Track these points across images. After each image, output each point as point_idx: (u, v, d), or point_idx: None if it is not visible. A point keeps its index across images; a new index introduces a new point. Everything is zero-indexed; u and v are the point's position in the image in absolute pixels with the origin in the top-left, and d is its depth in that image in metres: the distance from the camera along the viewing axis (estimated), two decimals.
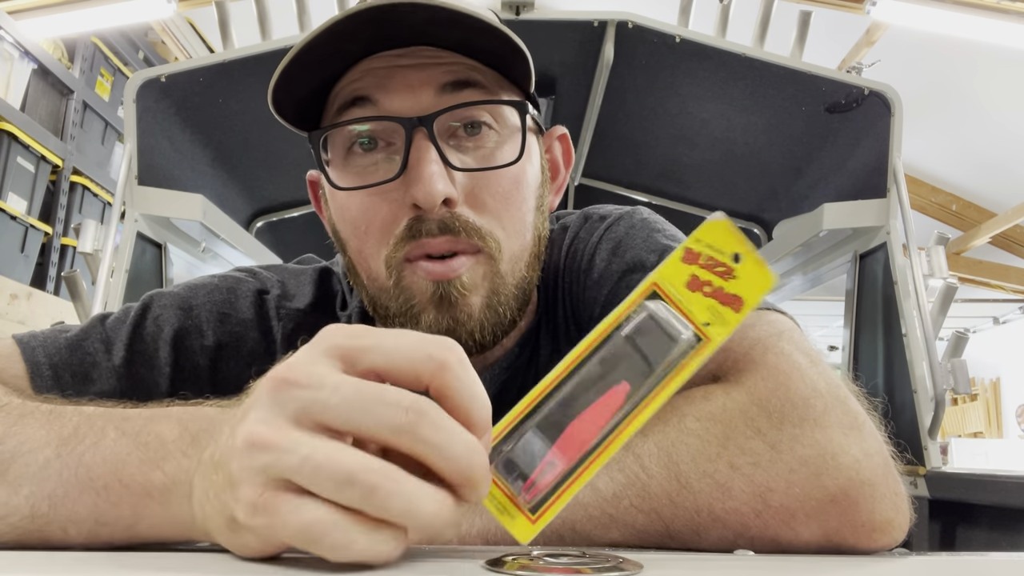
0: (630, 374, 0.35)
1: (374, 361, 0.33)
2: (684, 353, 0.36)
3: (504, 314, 0.59)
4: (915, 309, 1.49)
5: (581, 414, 0.35)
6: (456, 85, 0.57)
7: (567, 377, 0.35)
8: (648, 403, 0.35)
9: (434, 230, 0.56)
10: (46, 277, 2.73)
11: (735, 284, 0.37)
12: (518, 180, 0.60)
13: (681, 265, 0.37)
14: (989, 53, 3.31)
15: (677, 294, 0.37)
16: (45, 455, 0.41)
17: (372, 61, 0.58)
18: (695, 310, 0.37)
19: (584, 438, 0.35)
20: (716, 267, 0.37)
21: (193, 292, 0.66)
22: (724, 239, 0.37)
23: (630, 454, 0.47)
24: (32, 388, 0.58)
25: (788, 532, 0.42)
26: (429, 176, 0.54)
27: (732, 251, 0.37)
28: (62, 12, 2.34)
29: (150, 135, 1.61)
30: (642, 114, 1.87)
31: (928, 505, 1.42)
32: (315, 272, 0.72)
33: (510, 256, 0.59)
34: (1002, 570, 0.41)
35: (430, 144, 0.55)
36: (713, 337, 0.36)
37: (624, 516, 0.45)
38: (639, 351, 0.35)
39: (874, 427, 0.45)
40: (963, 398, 6.83)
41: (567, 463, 0.34)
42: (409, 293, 0.58)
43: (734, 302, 0.37)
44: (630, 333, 0.36)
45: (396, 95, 0.57)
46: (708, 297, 0.37)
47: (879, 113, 1.60)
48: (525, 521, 0.34)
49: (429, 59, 0.57)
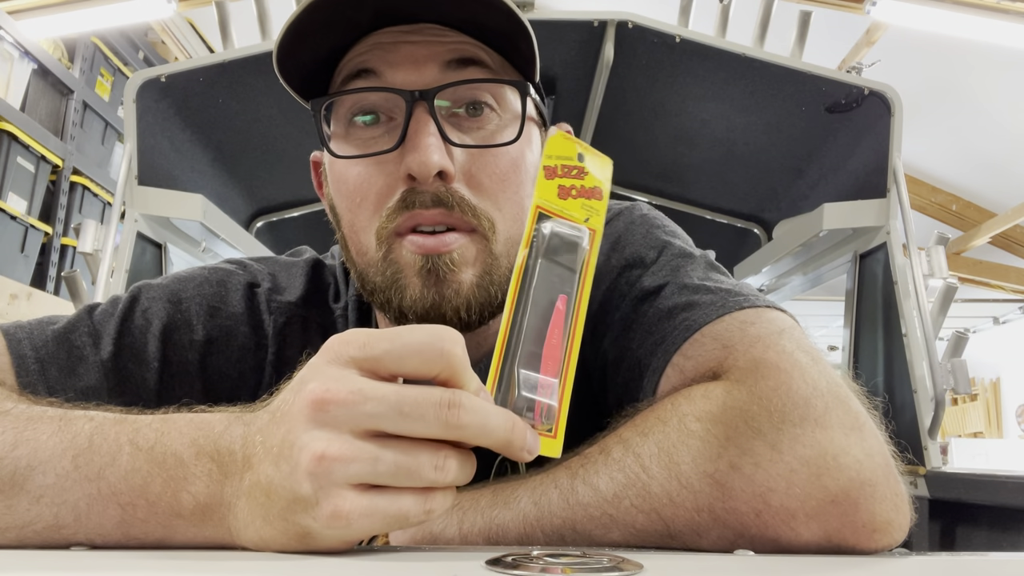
0: (562, 285, 0.42)
1: (390, 367, 0.37)
2: (586, 248, 0.43)
3: (495, 295, 0.58)
4: (915, 309, 1.49)
5: (546, 339, 0.40)
6: (461, 62, 0.57)
7: (517, 314, 0.41)
8: (581, 294, 0.42)
9: (427, 202, 0.55)
10: (46, 277, 2.72)
11: (590, 178, 0.46)
12: (516, 163, 0.59)
13: (547, 182, 0.44)
14: (989, 53, 3.31)
15: (556, 206, 0.44)
16: (63, 466, 0.41)
17: (379, 36, 0.58)
18: (574, 212, 0.44)
19: (555, 353, 0.40)
20: (571, 172, 0.45)
21: (182, 285, 0.65)
22: (565, 147, 0.45)
23: (630, 454, 0.47)
24: (17, 381, 0.56)
25: (788, 532, 0.42)
26: (425, 147, 0.54)
27: (575, 153, 0.46)
28: (62, 12, 2.33)
29: (150, 135, 1.61)
30: (642, 114, 1.87)
31: (928, 505, 1.42)
32: (306, 264, 0.71)
33: (506, 239, 0.58)
34: (1002, 570, 0.41)
35: (429, 118, 0.55)
36: (596, 227, 0.45)
37: (624, 516, 0.45)
38: (559, 264, 0.42)
39: (875, 427, 0.45)
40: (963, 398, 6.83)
41: (555, 376, 0.40)
42: (396, 266, 0.57)
43: (595, 192, 0.46)
44: (546, 254, 0.42)
45: (400, 69, 0.57)
46: (578, 197, 0.45)
47: (879, 113, 1.60)
48: (548, 440, 0.39)
49: (435, 36, 0.58)
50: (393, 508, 0.35)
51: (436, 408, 0.35)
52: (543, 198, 0.44)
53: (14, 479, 0.41)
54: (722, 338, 0.51)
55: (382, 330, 0.37)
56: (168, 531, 0.40)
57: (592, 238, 0.44)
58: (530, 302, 0.41)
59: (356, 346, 0.37)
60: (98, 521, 0.40)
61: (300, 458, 0.35)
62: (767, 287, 2.11)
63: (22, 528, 0.40)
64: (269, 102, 1.72)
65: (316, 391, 0.36)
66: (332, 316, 0.68)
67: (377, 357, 0.36)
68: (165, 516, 0.39)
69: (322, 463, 0.35)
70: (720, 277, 0.59)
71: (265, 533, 0.37)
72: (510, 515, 0.46)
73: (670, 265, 0.60)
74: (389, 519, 0.35)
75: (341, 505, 0.35)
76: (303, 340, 0.66)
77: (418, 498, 0.36)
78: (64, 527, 0.40)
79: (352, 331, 0.38)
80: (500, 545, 0.45)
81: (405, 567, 0.35)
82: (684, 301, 0.55)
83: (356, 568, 0.34)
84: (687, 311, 0.54)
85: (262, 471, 0.37)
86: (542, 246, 0.42)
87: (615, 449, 0.48)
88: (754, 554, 0.42)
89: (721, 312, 0.53)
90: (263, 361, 0.65)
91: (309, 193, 2.10)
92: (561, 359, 0.40)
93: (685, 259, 0.61)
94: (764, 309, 0.53)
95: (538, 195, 0.44)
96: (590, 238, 0.44)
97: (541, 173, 0.44)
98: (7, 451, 0.42)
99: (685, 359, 0.52)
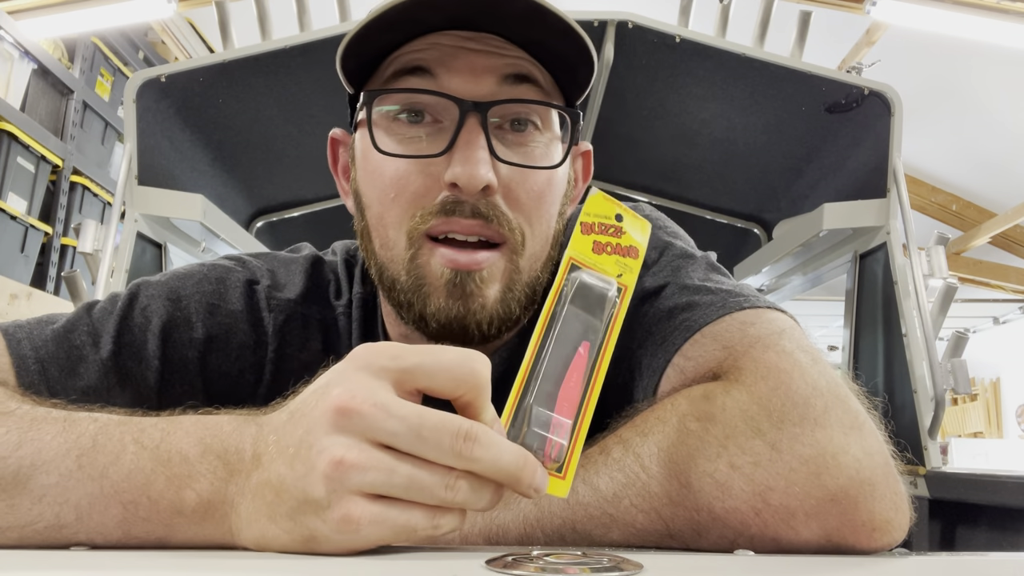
0: (586, 333, 0.43)
1: (418, 381, 0.38)
2: (615, 302, 0.44)
3: (514, 309, 0.59)
4: (915, 309, 1.49)
5: (564, 381, 0.41)
6: (517, 78, 0.58)
7: (539, 355, 0.42)
8: (606, 347, 0.43)
9: (467, 212, 0.56)
10: (46, 277, 2.72)
11: (626, 238, 0.47)
12: (551, 183, 0.60)
13: (582, 237, 0.46)
14: (989, 53, 3.31)
15: (589, 260, 0.45)
16: (66, 465, 0.41)
17: (439, 36, 0.58)
18: (607, 267, 0.46)
19: (572, 396, 0.41)
20: (608, 230, 0.47)
21: (182, 282, 0.65)
22: (605, 207, 0.47)
23: (630, 454, 0.47)
24: (17, 382, 0.56)
25: (788, 531, 0.42)
26: (477, 160, 0.55)
27: (614, 213, 0.47)
28: (62, 12, 2.33)
29: (150, 135, 1.61)
30: (642, 114, 1.87)
31: (928, 505, 1.42)
32: (306, 261, 0.70)
33: (531, 254, 0.59)
34: (1002, 570, 0.41)
35: (481, 130, 0.56)
36: (628, 283, 0.46)
37: (624, 516, 0.45)
38: (586, 313, 0.43)
39: (874, 426, 0.45)
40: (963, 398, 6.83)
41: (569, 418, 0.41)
42: (422, 272, 0.57)
43: (631, 251, 0.47)
44: (574, 302, 0.43)
45: (458, 75, 0.57)
46: (612, 254, 0.46)
47: (879, 113, 1.60)
48: (556, 479, 0.40)
49: (495, 48, 0.58)
50: (402, 519, 0.36)
51: (453, 438, 0.36)
52: (577, 251, 0.45)
53: (17, 478, 0.41)
54: (722, 339, 0.51)
55: (414, 346, 0.39)
56: (168, 530, 0.40)
57: (623, 294, 0.45)
58: (553, 345, 0.42)
59: (387, 357, 0.38)
60: (99, 520, 0.40)
61: (317, 461, 0.36)
62: (767, 287, 2.11)
63: (23, 528, 0.40)
64: (269, 102, 1.72)
65: (342, 397, 0.36)
66: (333, 313, 0.68)
67: (407, 369, 0.37)
68: (167, 514, 0.39)
69: (339, 468, 0.35)
70: (720, 278, 0.59)
71: (269, 532, 0.38)
72: (510, 515, 0.46)
73: (671, 266, 0.60)
74: (397, 530, 0.36)
75: (352, 510, 0.35)
76: (303, 337, 0.66)
77: (427, 513, 0.36)
78: (65, 526, 0.40)
79: (383, 342, 0.39)
80: (500, 545, 0.45)
81: (405, 567, 0.35)
82: (684, 302, 0.55)
83: (356, 568, 0.34)
84: (687, 311, 0.54)
85: (273, 470, 0.38)
86: (571, 293, 0.43)
87: (615, 449, 0.48)
88: (754, 554, 0.42)
89: (721, 313, 0.53)
90: (263, 359, 0.65)
91: (309, 193, 2.10)
92: (578, 402, 0.41)
93: (686, 260, 0.61)
94: (764, 310, 0.53)
95: (572, 248, 0.45)
96: (621, 293, 0.45)
97: (578, 228, 0.46)
98: (11, 451, 0.42)
99: (685, 359, 0.52)
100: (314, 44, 1.56)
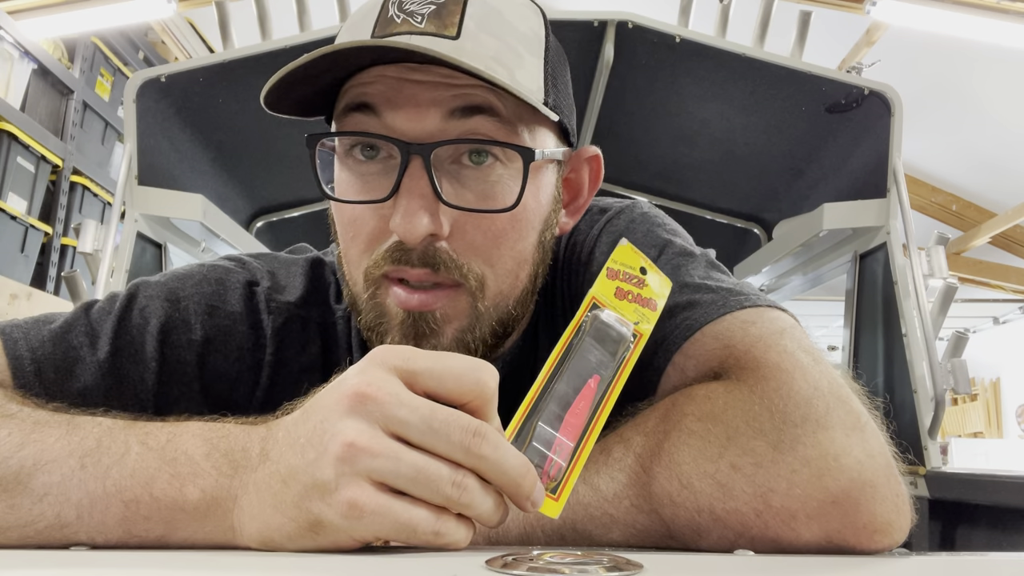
0: (598, 367, 0.45)
1: (427, 384, 0.38)
2: (630, 345, 0.47)
3: (476, 350, 0.57)
4: (915, 309, 1.49)
5: (571, 406, 0.43)
6: (467, 110, 0.53)
7: (551, 379, 0.43)
8: (615, 386, 0.45)
9: (414, 261, 0.54)
10: (46, 277, 2.72)
11: (647, 290, 0.50)
12: (516, 219, 0.56)
13: (607, 281, 0.48)
14: (989, 53, 3.31)
15: (610, 303, 0.47)
16: (69, 465, 0.41)
17: (385, 68, 0.54)
18: (626, 313, 0.48)
19: (578, 423, 0.43)
20: (631, 279, 0.49)
21: (181, 283, 0.64)
22: (631, 258, 0.50)
23: (631, 454, 0.47)
24: (13, 383, 0.55)
25: (789, 533, 0.42)
26: (415, 211, 0.52)
27: (639, 266, 0.50)
28: (62, 12, 2.33)
29: (150, 135, 1.61)
30: (642, 114, 1.86)
31: (928, 505, 1.42)
32: (306, 263, 0.69)
33: (495, 294, 0.57)
34: (1002, 570, 0.41)
35: (424, 173, 0.52)
36: (643, 332, 0.48)
37: (625, 516, 0.45)
38: (601, 349, 0.45)
39: (876, 427, 0.45)
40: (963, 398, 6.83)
41: (572, 440, 0.42)
42: (380, 310, 0.56)
43: (650, 303, 0.49)
44: (592, 336, 0.45)
45: (401, 111, 0.53)
46: (632, 303, 0.48)
47: (879, 113, 1.59)
48: (550, 500, 0.41)
49: (443, 78, 0.52)
50: (405, 515, 0.36)
51: (462, 433, 0.37)
52: (600, 292, 0.47)
53: (19, 478, 0.41)
54: (723, 337, 0.51)
55: (426, 351, 0.40)
56: (169, 527, 0.40)
57: (638, 340, 0.47)
58: (565, 372, 0.44)
59: (400, 358, 0.39)
60: (100, 519, 0.40)
61: (331, 444, 0.37)
62: (767, 287, 2.11)
63: (24, 527, 0.40)
64: None
65: (359, 385, 0.37)
66: (333, 317, 0.67)
67: (417, 371, 0.38)
68: (168, 511, 0.40)
69: (351, 450, 0.36)
70: (721, 276, 0.58)
71: (273, 521, 0.38)
72: (510, 515, 0.46)
73: (671, 264, 0.60)
74: (399, 525, 0.36)
75: (359, 495, 0.36)
76: (301, 341, 0.66)
77: (431, 514, 0.37)
78: (66, 525, 0.40)
79: (398, 345, 0.40)
80: (500, 545, 0.45)
81: (405, 567, 0.35)
82: (685, 300, 0.55)
83: (356, 568, 0.34)
84: (688, 310, 0.54)
85: (283, 460, 0.38)
86: (590, 327, 0.46)
87: (615, 449, 0.48)
88: (754, 554, 0.42)
89: (722, 311, 0.53)
90: (261, 361, 0.64)
91: (309, 193, 2.10)
92: (582, 428, 0.42)
93: (686, 258, 0.61)
94: (765, 308, 0.53)
95: (597, 288, 0.48)
96: (636, 339, 0.47)
97: (604, 272, 0.48)
98: (13, 451, 0.42)
99: (686, 358, 0.52)
100: (314, 44, 1.56)
